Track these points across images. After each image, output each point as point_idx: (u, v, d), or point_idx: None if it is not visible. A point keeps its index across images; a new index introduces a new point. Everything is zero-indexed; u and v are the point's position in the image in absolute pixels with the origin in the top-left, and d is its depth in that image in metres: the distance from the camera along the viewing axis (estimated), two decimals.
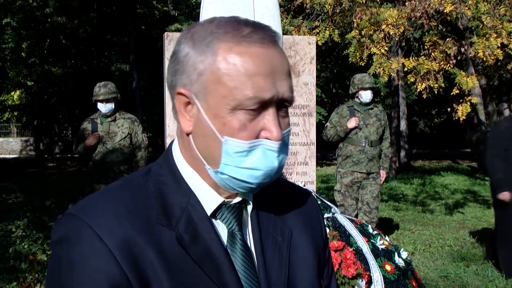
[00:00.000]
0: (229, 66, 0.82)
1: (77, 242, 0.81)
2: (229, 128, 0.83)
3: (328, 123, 5.92)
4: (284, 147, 0.87)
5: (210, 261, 0.85)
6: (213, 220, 0.89)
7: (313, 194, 1.12)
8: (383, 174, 5.89)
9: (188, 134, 0.89)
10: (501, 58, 6.97)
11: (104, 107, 5.24)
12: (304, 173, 4.06)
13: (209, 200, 0.89)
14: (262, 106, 0.83)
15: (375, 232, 3.35)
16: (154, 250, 0.82)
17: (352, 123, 5.66)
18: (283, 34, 4.23)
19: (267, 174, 0.85)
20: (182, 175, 0.90)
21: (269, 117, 0.84)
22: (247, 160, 0.84)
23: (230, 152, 0.83)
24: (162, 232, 0.84)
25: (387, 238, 3.39)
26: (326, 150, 19.39)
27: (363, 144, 5.70)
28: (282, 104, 0.86)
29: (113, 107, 5.27)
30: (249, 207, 0.94)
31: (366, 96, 5.73)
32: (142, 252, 0.82)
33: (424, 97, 7.31)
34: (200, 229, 0.86)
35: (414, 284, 3.10)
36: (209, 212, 0.89)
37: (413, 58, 7.22)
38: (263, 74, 0.82)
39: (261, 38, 0.84)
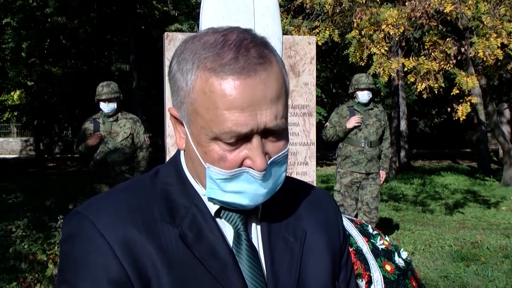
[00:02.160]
0: (205, 99, 0.80)
1: (80, 238, 0.84)
2: (210, 157, 0.82)
3: (328, 123, 5.92)
4: (276, 169, 0.85)
5: (215, 259, 0.85)
6: (219, 219, 0.90)
7: (331, 196, 1.10)
8: (383, 174, 5.88)
9: (183, 151, 0.91)
10: (501, 58, 6.97)
11: (106, 107, 5.25)
12: (304, 173, 4.06)
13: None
14: (243, 138, 0.80)
15: (375, 232, 3.35)
16: (155, 247, 0.84)
17: (351, 123, 5.66)
18: (283, 34, 4.22)
19: (255, 197, 0.84)
20: (188, 177, 0.91)
21: (251, 148, 0.81)
22: (231, 184, 0.83)
23: (214, 178, 0.83)
24: (165, 229, 0.85)
25: (387, 238, 3.39)
26: (326, 150, 19.39)
27: (363, 145, 5.69)
28: (270, 132, 0.82)
29: (116, 106, 5.29)
30: (259, 207, 0.93)
31: (362, 96, 5.72)
32: (142, 248, 0.83)
33: (424, 97, 7.31)
34: (205, 228, 0.87)
35: (414, 284, 3.10)
36: (212, 212, 0.89)
37: (413, 58, 7.22)
38: (239, 107, 0.78)
39: (240, 68, 0.78)
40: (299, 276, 0.92)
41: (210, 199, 0.87)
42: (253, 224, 0.93)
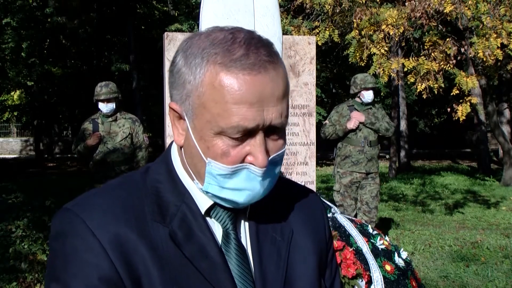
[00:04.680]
0: (214, 92, 0.80)
1: (71, 236, 0.84)
2: (212, 152, 0.83)
3: (327, 121, 5.92)
4: (273, 169, 0.87)
5: (204, 258, 0.86)
6: (208, 218, 0.90)
7: (318, 195, 1.12)
8: None
9: (180, 147, 0.90)
10: (501, 58, 6.95)
11: (105, 107, 5.25)
12: (304, 173, 4.06)
13: (203, 199, 0.90)
14: (248, 133, 0.82)
15: (375, 232, 3.35)
16: (146, 246, 0.84)
17: (351, 124, 5.65)
18: (283, 34, 4.22)
19: (251, 195, 0.86)
20: (178, 175, 0.91)
21: (255, 144, 0.82)
22: (230, 181, 0.84)
23: (214, 173, 0.84)
24: (155, 228, 0.86)
25: (387, 238, 3.39)
26: (326, 150, 19.39)
27: (362, 145, 5.70)
28: (272, 130, 0.84)
29: (114, 106, 5.29)
30: (248, 207, 0.94)
31: (368, 96, 5.72)
32: (134, 247, 0.84)
33: (424, 97, 7.31)
34: (195, 227, 0.87)
35: (414, 284, 3.10)
36: (202, 210, 0.89)
37: (413, 58, 7.22)
38: (248, 102, 0.80)
39: (251, 64, 0.80)
40: (286, 275, 0.93)
41: (206, 193, 0.88)
42: (242, 223, 0.94)
